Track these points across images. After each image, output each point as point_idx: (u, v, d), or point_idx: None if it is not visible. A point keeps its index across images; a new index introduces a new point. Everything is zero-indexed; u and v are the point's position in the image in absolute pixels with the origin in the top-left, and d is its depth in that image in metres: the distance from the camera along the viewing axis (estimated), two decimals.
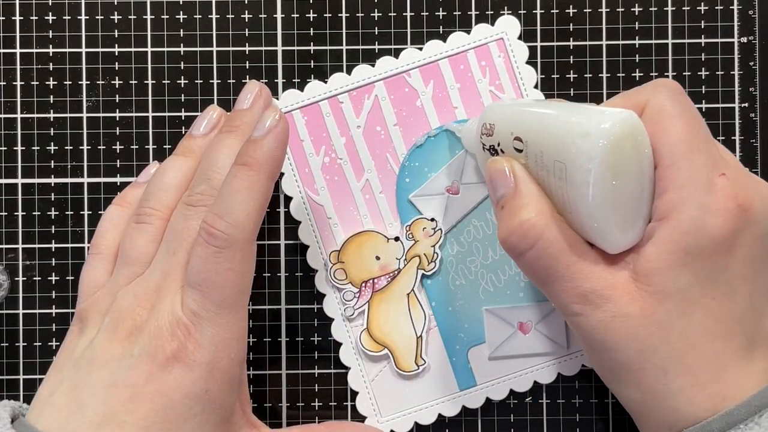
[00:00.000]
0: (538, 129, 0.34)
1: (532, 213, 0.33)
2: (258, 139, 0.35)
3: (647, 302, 0.33)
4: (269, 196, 0.36)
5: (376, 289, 0.41)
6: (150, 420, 0.33)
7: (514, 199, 0.34)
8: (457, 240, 0.42)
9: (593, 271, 0.33)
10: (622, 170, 0.32)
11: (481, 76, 0.42)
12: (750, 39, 0.43)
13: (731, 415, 0.32)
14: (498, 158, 0.36)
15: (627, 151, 0.32)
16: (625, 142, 0.32)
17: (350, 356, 0.42)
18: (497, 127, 0.36)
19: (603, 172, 0.32)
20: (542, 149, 0.34)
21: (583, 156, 0.32)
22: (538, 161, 0.34)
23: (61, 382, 0.34)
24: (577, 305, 0.33)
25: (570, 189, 0.32)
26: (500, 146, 0.36)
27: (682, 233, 0.32)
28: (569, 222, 0.34)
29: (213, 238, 0.34)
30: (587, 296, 0.33)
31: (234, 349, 0.34)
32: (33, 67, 0.42)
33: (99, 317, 0.36)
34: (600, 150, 0.31)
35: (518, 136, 0.35)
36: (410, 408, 0.42)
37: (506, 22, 0.42)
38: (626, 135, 0.32)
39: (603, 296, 0.33)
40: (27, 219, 0.42)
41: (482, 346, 0.42)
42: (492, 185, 0.35)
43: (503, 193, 0.35)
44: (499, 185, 0.35)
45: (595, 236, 0.33)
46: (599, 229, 0.33)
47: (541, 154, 0.34)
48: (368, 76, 0.42)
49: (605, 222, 0.32)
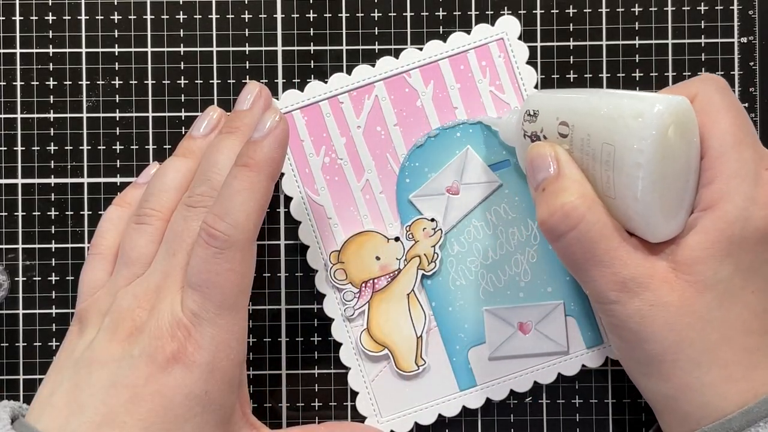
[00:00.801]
0: (586, 111, 0.34)
1: (575, 195, 0.33)
2: (258, 141, 0.35)
3: (687, 292, 0.32)
4: (269, 197, 0.36)
5: (376, 289, 0.41)
6: (150, 420, 0.33)
7: (557, 181, 0.34)
8: (458, 240, 0.42)
9: (633, 258, 0.33)
10: (671, 156, 0.32)
11: (482, 77, 0.42)
12: (750, 39, 0.43)
13: (750, 412, 0.32)
14: (541, 143, 0.35)
15: (677, 137, 0.32)
16: (676, 127, 0.32)
17: (350, 356, 0.42)
18: (541, 113, 0.36)
19: (654, 154, 0.31)
20: (589, 132, 0.33)
21: (634, 136, 0.31)
22: (584, 145, 0.34)
23: (60, 382, 0.34)
24: (614, 292, 0.33)
25: (617, 172, 0.32)
26: (543, 132, 0.36)
27: (728, 223, 0.32)
28: (611, 208, 0.34)
29: (213, 239, 0.34)
30: (625, 283, 0.33)
31: (234, 349, 0.34)
32: (33, 67, 0.42)
33: (99, 317, 0.36)
34: (653, 131, 0.31)
35: (564, 121, 0.35)
36: (410, 408, 0.42)
37: (506, 22, 0.42)
38: (678, 120, 0.32)
39: (642, 284, 0.33)
40: (27, 219, 0.42)
41: (482, 346, 0.42)
42: (533, 168, 0.35)
43: (545, 176, 0.34)
44: (541, 168, 0.35)
45: (638, 223, 0.33)
46: (643, 215, 0.32)
47: (588, 137, 0.33)
48: (368, 76, 0.42)
49: (651, 208, 0.32)
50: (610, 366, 0.42)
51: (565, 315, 0.41)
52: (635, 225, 0.33)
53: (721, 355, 0.32)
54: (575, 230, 0.33)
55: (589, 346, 0.42)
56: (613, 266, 0.33)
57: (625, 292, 0.33)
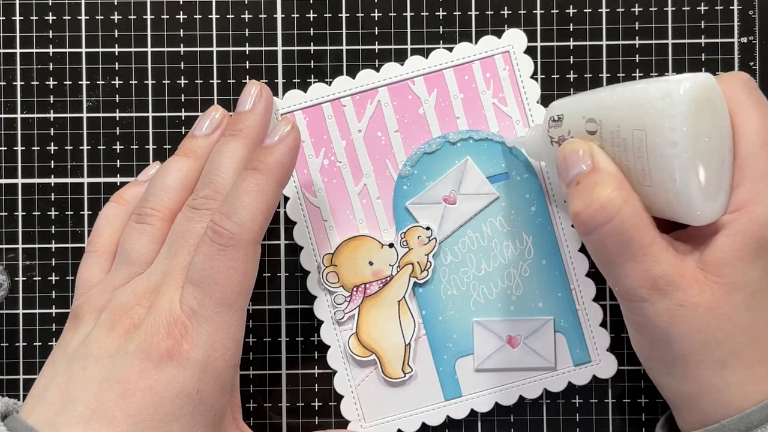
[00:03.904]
0: (612, 104, 0.34)
1: (610, 188, 0.33)
2: (269, 146, 0.36)
3: (716, 293, 0.32)
4: (277, 201, 0.36)
5: (367, 294, 0.41)
6: (140, 416, 0.33)
7: (592, 174, 0.34)
8: (451, 250, 0.42)
9: (665, 256, 0.33)
10: (704, 132, 0.32)
11: (485, 88, 0.42)
12: (750, 39, 0.43)
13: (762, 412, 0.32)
14: (573, 140, 0.35)
15: (708, 112, 0.32)
16: (705, 102, 0.32)
17: (338, 359, 0.42)
18: (566, 116, 0.36)
19: (687, 131, 0.31)
20: (618, 123, 0.33)
21: (664, 116, 0.31)
22: (614, 138, 0.33)
23: (54, 377, 0.34)
24: (645, 290, 0.33)
25: (651, 158, 0.32)
26: (570, 134, 0.36)
27: (759, 225, 0.32)
28: (648, 198, 0.33)
29: (218, 236, 0.34)
30: (656, 281, 0.33)
31: (229, 350, 0.34)
32: (33, 67, 0.42)
33: (94, 314, 0.36)
34: (682, 107, 0.31)
35: (591, 118, 0.34)
36: (394, 415, 0.42)
37: (513, 35, 0.42)
38: (706, 95, 0.32)
39: (672, 283, 0.32)
40: (27, 219, 0.42)
41: (470, 357, 0.42)
42: (566, 165, 0.35)
43: (578, 170, 0.34)
44: (575, 163, 0.34)
45: (678, 207, 0.32)
46: (683, 196, 0.32)
47: (617, 128, 0.33)
48: (372, 81, 0.42)
49: (690, 187, 0.32)
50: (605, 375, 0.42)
51: (554, 331, 0.41)
52: (675, 209, 0.33)
53: (747, 357, 0.32)
54: (611, 223, 0.33)
55: (576, 363, 0.42)
56: (646, 262, 0.33)
57: (655, 290, 0.33)
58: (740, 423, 0.32)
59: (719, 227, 0.33)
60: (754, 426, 0.32)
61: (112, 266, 0.38)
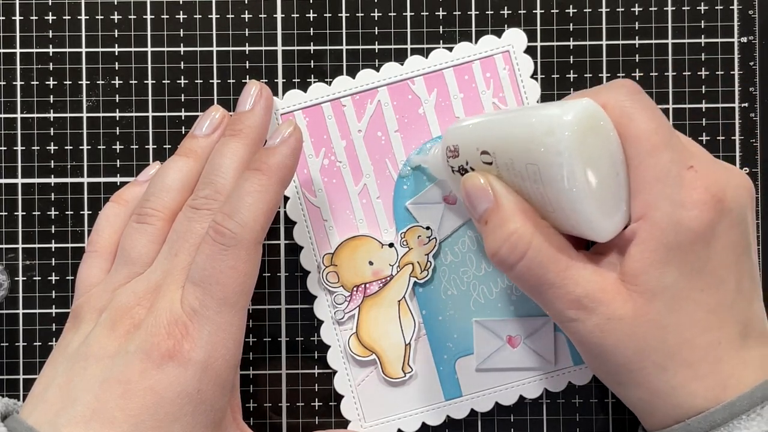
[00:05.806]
0: (502, 137, 0.34)
1: (518, 223, 0.34)
2: (272, 147, 0.36)
3: (638, 302, 0.33)
4: (279, 202, 0.36)
5: (367, 294, 0.41)
6: (141, 417, 0.33)
7: (497, 212, 0.34)
8: (451, 250, 0.42)
9: (583, 275, 0.34)
10: (593, 157, 0.32)
11: (485, 88, 0.42)
12: (750, 39, 0.43)
13: (733, 406, 0.32)
14: (472, 174, 0.36)
15: (593, 138, 0.32)
16: (589, 129, 0.32)
17: (338, 359, 0.42)
18: (461, 147, 0.36)
19: (574, 164, 0.32)
20: (511, 156, 0.34)
21: (551, 153, 0.32)
22: (510, 169, 0.34)
23: (54, 377, 0.34)
24: (572, 311, 0.34)
25: (547, 188, 0.33)
26: (469, 165, 0.36)
27: (661, 231, 0.32)
28: (554, 222, 0.34)
29: (220, 235, 0.34)
30: (580, 301, 0.33)
31: (230, 350, 0.34)
32: (33, 67, 0.42)
33: (94, 314, 0.36)
34: (567, 143, 0.31)
35: (485, 150, 0.35)
36: (394, 415, 0.42)
37: (513, 35, 0.42)
38: (589, 122, 0.32)
39: (596, 299, 0.33)
40: (27, 219, 0.42)
41: (470, 357, 0.42)
42: (471, 202, 0.36)
43: (485, 207, 0.35)
44: (479, 200, 0.35)
45: (582, 229, 0.33)
46: (585, 221, 0.33)
47: (511, 161, 0.34)
48: (372, 80, 0.42)
49: (589, 212, 0.32)
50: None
51: (554, 331, 0.41)
52: (580, 230, 0.33)
53: (685, 356, 0.33)
54: (525, 258, 0.33)
55: (576, 363, 0.42)
56: (566, 286, 0.33)
57: (581, 310, 0.33)
58: (704, 422, 0.33)
59: (631, 236, 0.33)
60: (717, 425, 0.32)
61: (112, 266, 0.38)
